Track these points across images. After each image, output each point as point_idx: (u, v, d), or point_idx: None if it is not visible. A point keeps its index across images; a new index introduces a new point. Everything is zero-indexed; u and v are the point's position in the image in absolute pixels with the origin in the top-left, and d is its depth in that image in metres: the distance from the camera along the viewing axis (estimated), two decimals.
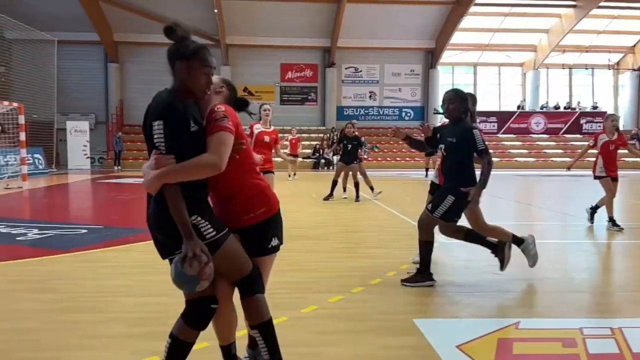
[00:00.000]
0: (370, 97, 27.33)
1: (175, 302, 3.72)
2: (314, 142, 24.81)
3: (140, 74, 25.01)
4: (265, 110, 6.32)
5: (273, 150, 6.36)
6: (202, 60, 2.13)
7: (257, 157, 5.80)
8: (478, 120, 4.70)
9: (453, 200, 4.07)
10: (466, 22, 24.86)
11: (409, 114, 27.58)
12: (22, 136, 12.97)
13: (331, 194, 10.39)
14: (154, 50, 24.86)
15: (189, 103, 2.14)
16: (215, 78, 2.30)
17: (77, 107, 24.25)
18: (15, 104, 13.01)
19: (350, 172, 10.46)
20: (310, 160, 23.92)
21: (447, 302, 3.84)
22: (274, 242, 2.36)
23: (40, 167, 18.50)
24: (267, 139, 6.23)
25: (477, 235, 4.33)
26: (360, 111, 27.04)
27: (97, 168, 23.25)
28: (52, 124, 20.93)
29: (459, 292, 4.03)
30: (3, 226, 7.00)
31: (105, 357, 2.81)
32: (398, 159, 24.60)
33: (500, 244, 4.30)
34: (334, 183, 10.49)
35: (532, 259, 4.47)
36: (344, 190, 10.76)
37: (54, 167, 20.06)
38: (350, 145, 10.42)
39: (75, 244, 5.48)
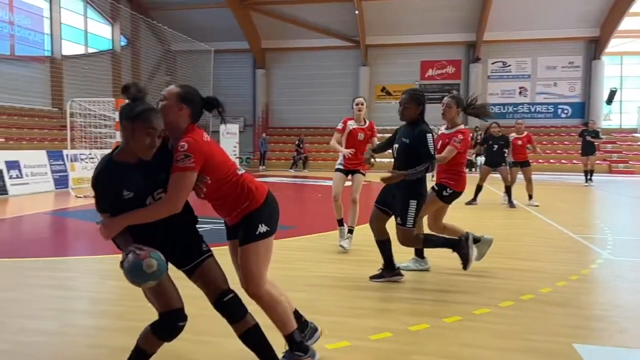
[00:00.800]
0: (520, 93, 25.45)
1: (313, 298, 3.89)
2: None
3: (284, 78, 26.65)
4: (357, 105, 5.74)
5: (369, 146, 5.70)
6: (146, 122, 2.14)
7: (346, 152, 5.68)
8: None
9: (415, 203, 4.18)
10: (638, 5, 21.81)
11: (566, 111, 25.09)
12: None
13: (474, 199, 9.89)
14: (297, 55, 26.36)
15: (130, 165, 2.19)
16: (173, 95, 2.35)
17: (228, 111, 26.19)
18: None
19: (500, 176, 9.85)
20: None
21: (613, 328, 3.38)
22: (262, 228, 2.43)
23: None
24: (360, 136, 5.72)
25: (435, 238, 4.44)
26: (508, 108, 25.33)
27: (245, 168, 25.22)
28: (207, 127, 23.31)
29: (627, 319, 3.52)
30: None
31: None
32: (552, 161, 22.53)
33: (462, 239, 4.35)
34: (479, 188, 9.96)
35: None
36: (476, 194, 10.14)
37: None
38: (496, 146, 9.82)
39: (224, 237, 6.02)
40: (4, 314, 3.53)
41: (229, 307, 2.35)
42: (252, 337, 2.39)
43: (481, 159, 11.54)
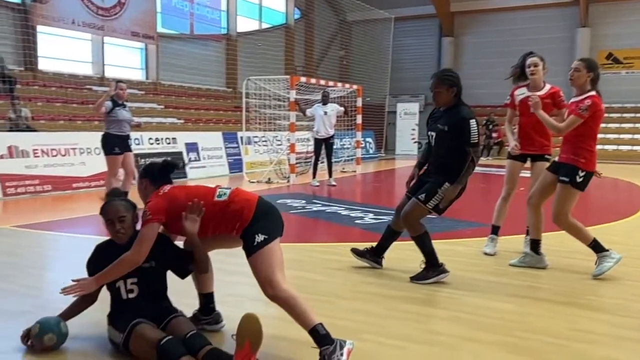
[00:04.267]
0: None
1: (525, 312, 3.76)
2: None
3: (476, 47, 25.74)
4: (530, 67, 5.15)
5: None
6: (103, 216, 3.11)
7: (512, 143, 5.14)
8: None
9: (447, 188, 4.32)
10: None
11: None
12: (359, 119, 15.22)
13: None
14: (493, 18, 25.20)
15: (121, 246, 3.06)
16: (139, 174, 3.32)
17: (407, 88, 26.76)
18: (355, 86, 15.36)
19: None
20: None
21: None
22: (259, 238, 2.91)
23: (371, 151, 21.31)
24: None
25: (429, 242, 4.44)
26: None
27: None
28: (383, 106, 23.77)
29: None
30: (343, 209, 8.40)
31: (451, 357, 3.05)
32: None
33: (442, 266, 4.43)
34: None
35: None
36: None
37: (382, 152, 22.78)
38: None
39: (405, 233, 6.11)
40: None
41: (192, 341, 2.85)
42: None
43: None
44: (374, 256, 4.88)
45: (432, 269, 4.45)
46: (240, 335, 2.64)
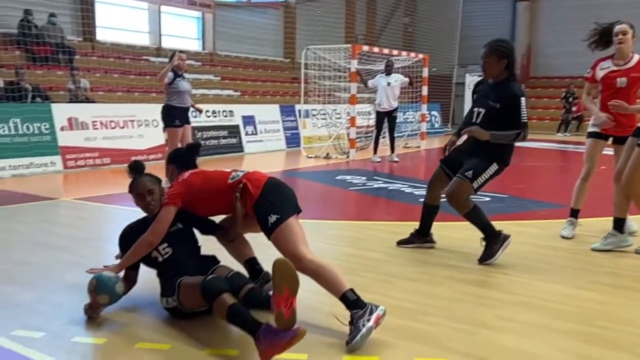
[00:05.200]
0: None
1: (605, 300, 3.64)
2: None
3: (555, 11, 24.61)
4: (617, 35, 4.88)
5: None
6: (133, 191, 3.49)
7: (602, 116, 4.89)
8: None
9: (496, 169, 4.38)
10: None
11: None
12: (425, 90, 14.93)
13: None
14: None
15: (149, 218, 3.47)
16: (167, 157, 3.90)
17: (477, 58, 25.52)
18: (420, 56, 15.06)
19: None
20: None
21: None
22: (271, 219, 3.16)
23: (436, 125, 20.93)
24: (621, 82, 4.87)
25: (482, 215, 4.41)
26: None
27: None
28: (450, 77, 23.22)
29: None
30: (406, 186, 8.33)
31: (523, 344, 2.99)
32: None
33: (501, 234, 4.39)
34: None
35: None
36: None
37: (449, 126, 22.32)
38: None
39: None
40: None
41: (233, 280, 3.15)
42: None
43: None
44: (422, 237, 4.87)
45: (493, 241, 4.40)
46: (277, 282, 2.74)
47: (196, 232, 3.60)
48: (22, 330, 3.04)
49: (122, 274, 3.39)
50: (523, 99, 4.30)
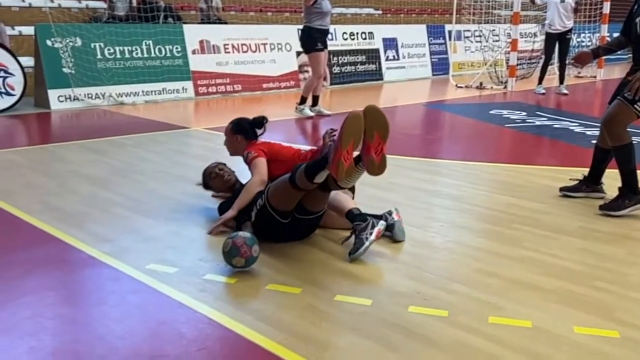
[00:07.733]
0: None
1: None
2: None
3: None
4: None
5: None
6: (208, 179, 4.35)
7: None
8: None
9: None
10: None
11: None
12: (606, 7, 13.73)
13: None
14: None
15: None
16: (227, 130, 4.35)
17: None
18: None
19: None
20: None
21: None
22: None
23: (619, 50, 19.27)
24: None
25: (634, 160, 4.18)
26: None
27: None
28: None
29: None
30: (576, 124, 7.89)
31: None
32: None
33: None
34: None
35: None
36: None
37: None
38: None
39: None
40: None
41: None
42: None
43: None
44: (592, 184, 4.67)
45: (629, 197, 4.19)
46: (367, 129, 3.06)
47: None
48: (157, 265, 3.35)
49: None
50: None
